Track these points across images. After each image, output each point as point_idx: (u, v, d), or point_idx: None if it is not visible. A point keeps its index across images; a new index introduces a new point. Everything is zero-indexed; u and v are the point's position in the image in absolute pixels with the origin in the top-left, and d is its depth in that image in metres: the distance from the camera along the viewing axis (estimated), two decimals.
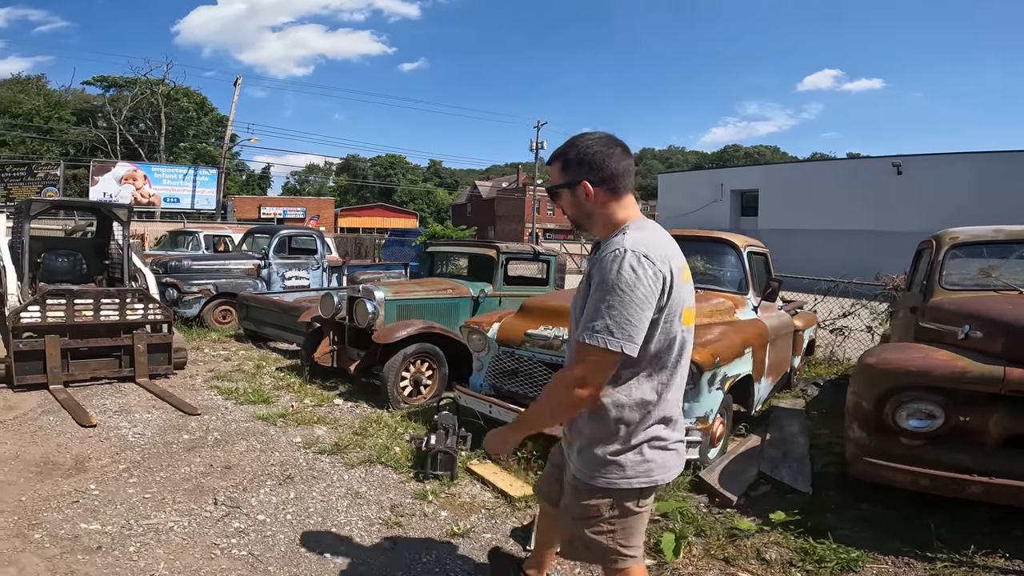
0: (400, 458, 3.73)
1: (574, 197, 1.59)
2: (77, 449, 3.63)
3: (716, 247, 4.80)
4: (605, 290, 1.42)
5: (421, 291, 5.68)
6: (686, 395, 2.97)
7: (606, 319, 1.41)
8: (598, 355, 1.42)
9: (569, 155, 1.58)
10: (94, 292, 5.32)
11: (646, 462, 1.58)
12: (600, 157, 1.55)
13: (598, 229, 1.62)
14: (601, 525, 1.63)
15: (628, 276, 1.41)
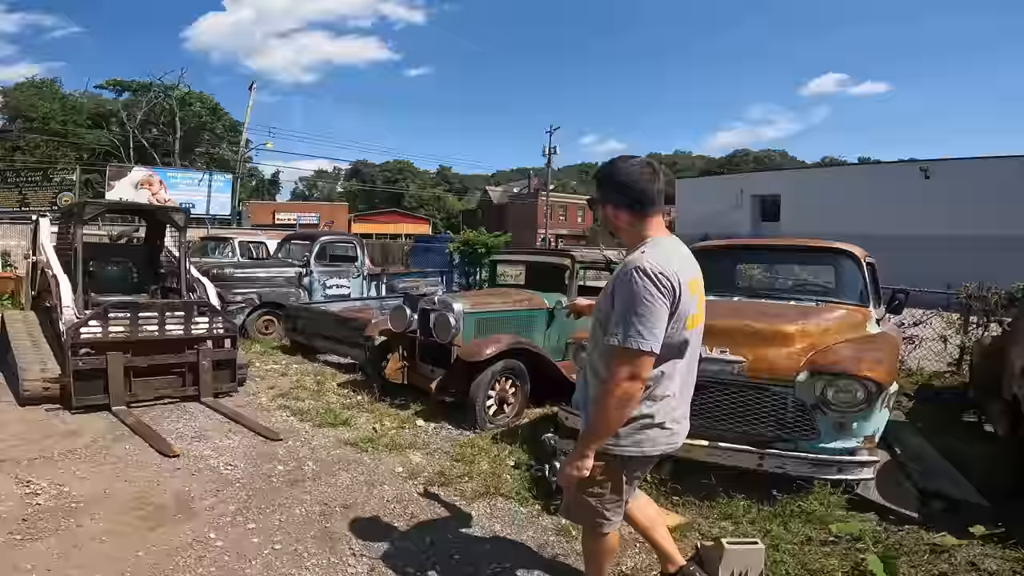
0: (518, 488, 3.43)
1: (610, 210, 1.86)
2: (172, 486, 3.30)
3: (832, 257, 4.45)
4: (631, 303, 1.68)
5: (499, 303, 5.34)
6: (858, 415, 3.04)
7: (637, 326, 1.66)
8: (634, 355, 1.67)
9: (604, 176, 1.86)
10: (160, 305, 5.00)
11: (636, 434, 1.83)
12: (629, 181, 1.80)
13: (628, 241, 1.89)
14: (593, 487, 1.87)
15: (646, 290, 1.66)
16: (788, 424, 3.18)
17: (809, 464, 3.04)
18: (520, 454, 3.98)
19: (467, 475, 3.58)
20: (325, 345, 7.07)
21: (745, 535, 2.89)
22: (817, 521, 2.94)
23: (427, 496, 3.32)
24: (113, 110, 38.66)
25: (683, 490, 3.31)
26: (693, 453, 3.21)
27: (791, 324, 3.35)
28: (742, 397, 3.25)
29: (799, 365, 3.13)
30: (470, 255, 12.54)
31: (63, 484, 3.27)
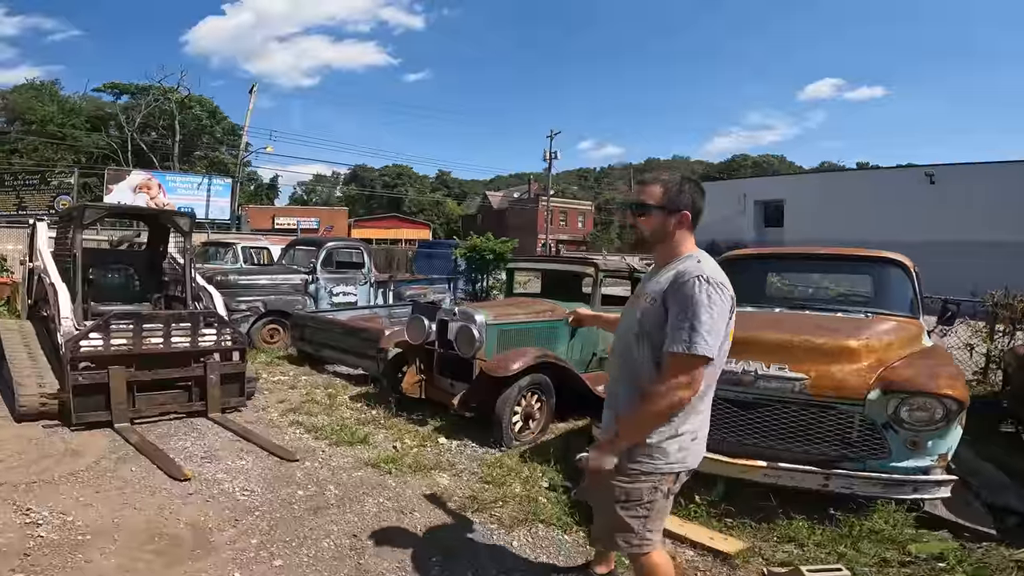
0: (557, 513, 3.18)
1: (665, 219, 1.85)
2: (186, 514, 3.02)
3: (881, 267, 4.23)
4: (695, 310, 1.69)
5: (521, 314, 5.09)
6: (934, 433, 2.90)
7: (700, 332, 1.67)
8: (699, 362, 1.68)
9: (676, 185, 1.86)
10: (164, 316, 4.72)
11: (683, 450, 1.82)
12: (697, 196, 1.87)
13: (664, 252, 1.90)
14: (637, 509, 1.83)
15: (713, 300, 1.69)
16: (854, 443, 2.98)
17: (882, 484, 2.86)
18: (553, 474, 3.73)
19: (501, 499, 3.32)
20: (334, 355, 6.80)
21: (815, 559, 2.71)
22: (888, 541, 2.80)
23: (462, 524, 3.06)
24: (112, 113, 38.36)
25: (736, 512, 3.08)
26: (748, 474, 3.03)
27: (855, 339, 3.12)
28: (803, 416, 3.02)
29: (869, 383, 2.91)
30: (477, 261, 12.27)
31: (66, 512, 3.00)
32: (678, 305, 1.72)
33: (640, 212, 1.89)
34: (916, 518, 2.95)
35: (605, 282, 6.36)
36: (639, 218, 1.89)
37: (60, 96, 38.51)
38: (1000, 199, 20.40)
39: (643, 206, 1.88)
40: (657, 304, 1.79)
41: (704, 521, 3.09)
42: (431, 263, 17.02)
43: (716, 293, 1.71)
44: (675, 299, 1.73)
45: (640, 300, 1.89)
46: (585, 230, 50.92)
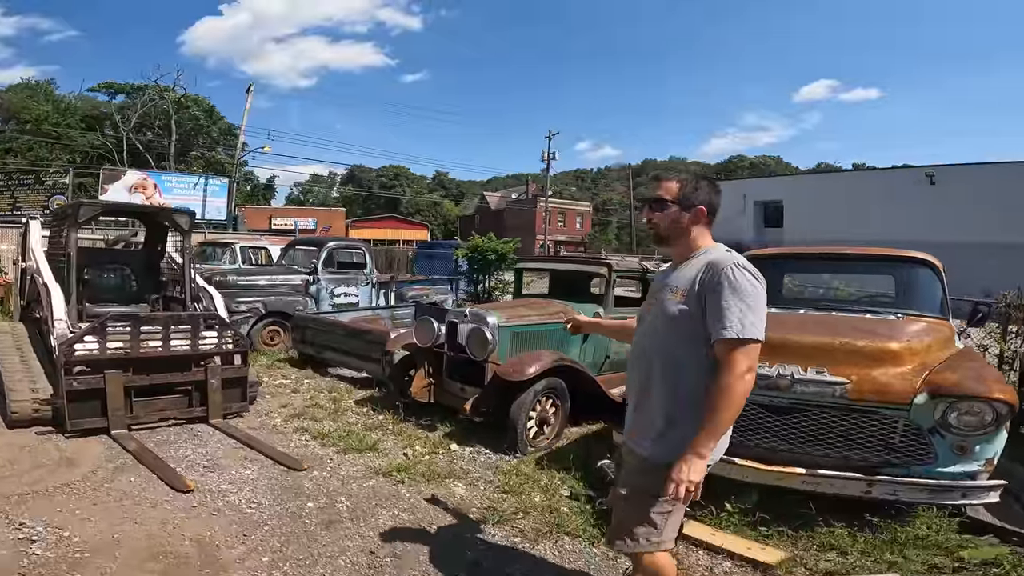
0: (582, 524, 3.03)
1: (683, 215, 1.85)
2: (190, 529, 2.83)
3: (908, 267, 4.08)
4: (740, 294, 1.68)
5: (534, 316, 4.92)
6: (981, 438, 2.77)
7: (750, 316, 1.66)
8: (754, 345, 1.67)
9: (692, 182, 1.88)
10: (163, 318, 4.53)
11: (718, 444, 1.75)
12: (714, 192, 1.89)
13: (681, 247, 1.89)
14: (663, 504, 1.77)
15: (754, 284, 1.71)
16: (897, 448, 2.85)
17: (928, 490, 2.74)
18: (573, 483, 3.57)
19: (521, 510, 3.16)
20: (337, 358, 6.62)
21: (861, 568, 2.61)
22: (935, 547, 2.70)
23: (483, 537, 2.90)
24: (107, 113, 38.00)
25: (771, 520, 2.95)
26: (785, 481, 2.90)
27: (897, 341, 2.98)
28: (843, 421, 2.88)
29: (915, 387, 2.76)
30: (480, 262, 12.09)
31: (62, 527, 2.81)
32: (720, 292, 1.69)
33: (657, 207, 1.89)
34: (959, 523, 2.86)
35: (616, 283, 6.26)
36: (655, 213, 1.90)
37: (55, 96, 38.14)
38: (1002, 200, 20.37)
39: (659, 201, 1.88)
40: (692, 297, 1.76)
41: (737, 530, 2.95)
42: (432, 264, 16.86)
43: (754, 278, 1.72)
44: (715, 287, 1.71)
45: (666, 297, 1.83)
46: (583, 231, 50.81)
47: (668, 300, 1.81)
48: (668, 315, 1.80)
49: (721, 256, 1.78)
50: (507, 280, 12.17)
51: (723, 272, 1.71)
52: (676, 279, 1.83)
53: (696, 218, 1.85)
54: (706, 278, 1.74)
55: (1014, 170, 21.30)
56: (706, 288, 1.73)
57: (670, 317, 1.79)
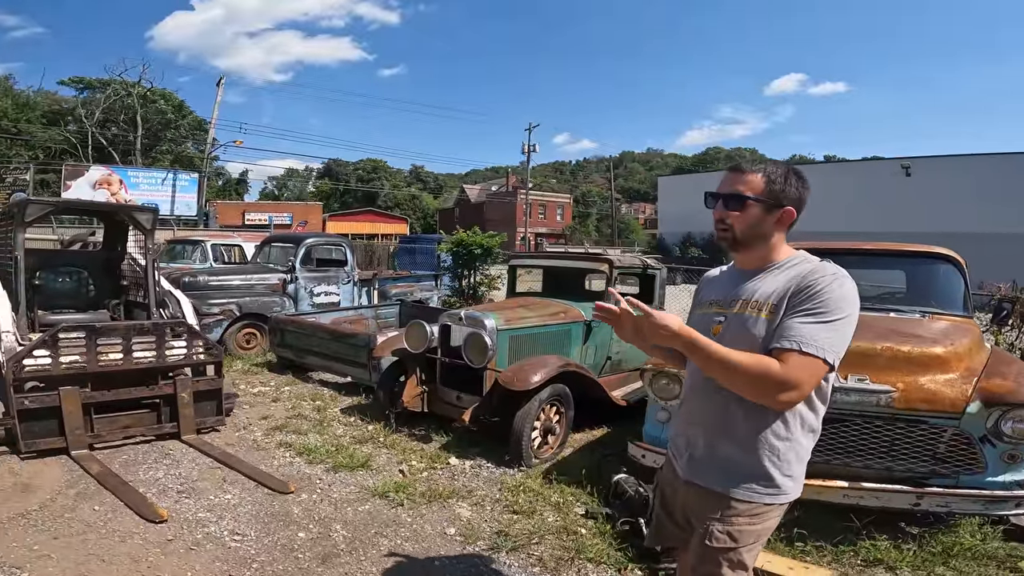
0: (604, 549, 2.76)
1: (764, 215, 1.53)
2: (167, 567, 2.47)
3: (930, 263, 3.88)
4: (833, 307, 1.39)
5: (533, 317, 4.61)
6: None
7: (827, 334, 1.37)
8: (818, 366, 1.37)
9: (782, 178, 1.53)
10: (123, 328, 4.09)
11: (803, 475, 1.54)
12: (804, 188, 1.55)
13: (757, 251, 1.57)
14: (756, 546, 1.55)
15: (849, 299, 1.41)
16: (944, 458, 2.65)
17: (983, 502, 2.54)
18: (587, 499, 3.29)
19: (535, 534, 2.87)
20: (319, 363, 6.23)
21: None
22: (986, 559, 2.56)
23: (497, 567, 2.60)
24: (69, 108, 36.36)
25: (808, 535, 2.74)
26: (825, 495, 2.67)
27: (942, 346, 2.77)
28: (887, 431, 2.65)
29: (967, 395, 2.54)
30: (464, 257, 11.72)
31: (19, 567, 2.45)
32: (803, 300, 1.42)
33: (733, 206, 1.52)
34: (1004, 532, 2.72)
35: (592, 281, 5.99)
36: (731, 213, 1.53)
37: (13, 91, 36.31)
38: (978, 191, 20.75)
39: (737, 198, 1.51)
40: (780, 310, 1.45)
41: (772, 546, 2.72)
42: (414, 259, 16.39)
43: (852, 294, 1.42)
44: (801, 295, 1.43)
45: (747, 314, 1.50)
46: (564, 222, 50.62)
47: (751, 317, 1.49)
48: (752, 336, 1.47)
49: (817, 264, 1.48)
50: (493, 275, 11.84)
51: (816, 279, 1.42)
52: (753, 291, 1.52)
53: (783, 221, 1.52)
54: (796, 287, 1.44)
55: (989, 162, 21.73)
56: (798, 297, 1.43)
57: (755, 338, 1.47)
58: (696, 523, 1.59)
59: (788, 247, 1.58)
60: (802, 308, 1.40)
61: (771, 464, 1.47)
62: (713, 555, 1.52)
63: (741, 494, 1.48)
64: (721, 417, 1.52)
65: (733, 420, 1.50)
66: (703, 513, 1.56)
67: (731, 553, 1.50)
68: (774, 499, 1.48)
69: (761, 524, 1.50)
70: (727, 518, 1.50)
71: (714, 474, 1.53)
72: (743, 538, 1.49)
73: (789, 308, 1.42)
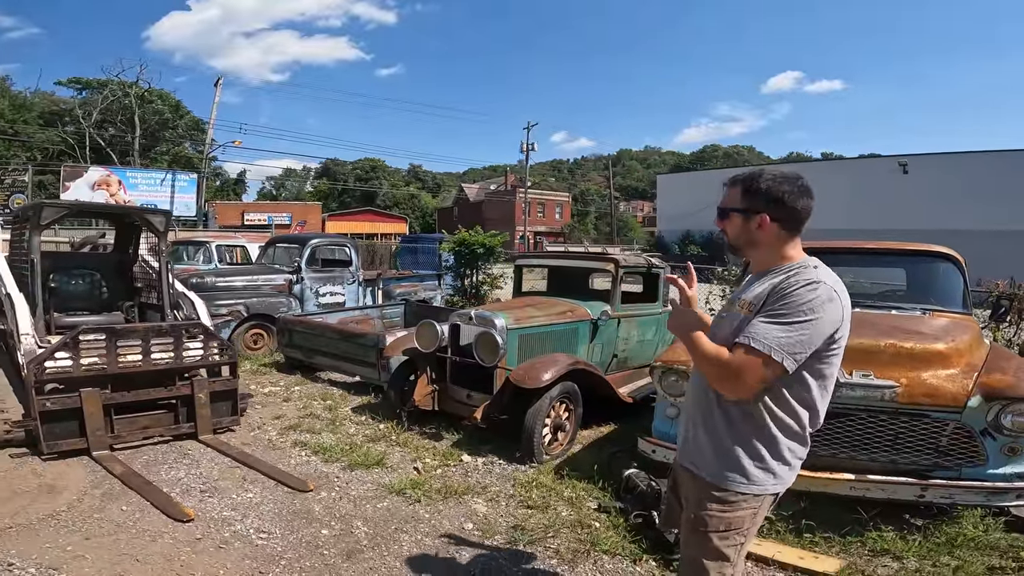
0: (619, 541, 2.85)
1: (746, 224, 1.62)
2: (200, 566, 2.55)
3: (930, 261, 3.98)
4: (794, 310, 1.46)
5: (541, 316, 4.70)
6: None
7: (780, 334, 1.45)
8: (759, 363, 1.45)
9: (755, 185, 1.60)
10: (142, 329, 4.17)
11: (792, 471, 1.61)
12: (786, 196, 1.57)
13: (758, 258, 1.67)
14: (736, 536, 1.60)
15: (823, 305, 1.46)
16: (947, 451, 2.75)
17: (985, 493, 2.64)
18: (599, 494, 3.39)
19: (551, 527, 2.97)
20: (328, 362, 6.30)
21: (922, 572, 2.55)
22: (989, 549, 2.65)
23: (517, 559, 2.69)
24: (67, 109, 36.28)
25: (816, 526, 2.84)
26: (832, 487, 2.77)
27: (943, 342, 2.87)
28: (891, 425, 2.75)
29: (968, 389, 2.64)
30: (466, 256, 11.79)
31: (56, 567, 2.52)
32: (772, 302, 1.51)
33: (721, 217, 1.67)
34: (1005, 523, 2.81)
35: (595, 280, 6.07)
36: (723, 222, 1.67)
37: (11, 92, 36.22)
38: (974, 188, 20.88)
39: (722, 211, 1.66)
40: (755, 309, 1.56)
41: (782, 538, 2.83)
42: (416, 258, 16.44)
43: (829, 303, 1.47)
44: (772, 297, 1.52)
45: (735, 309, 1.65)
46: (562, 221, 50.72)
47: (737, 314, 1.62)
48: (733, 329, 1.59)
49: (798, 272, 1.54)
50: (495, 275, 11.91)
51: (787, 283, 1.51)
52: (748, 292, 1.63)
53: (764, 227, 1.58)
54: (771, 290, 1.53)
55: (985, 159, 21.87)
56: (768, 302, 1.52)
57: (731, 332, 1.59)
58: (685, 506, 1.72)
59: (797, 252, 1.62)
60: (768, 310, 1.50)
61: (744, 455, 1.56)
62: (691, 538, 1.64)
63: (715, 481, 1.59)
64: (704, 406, 1.65)
65: (713, 410, 1.62)
66: (689, 496, 1.69)
67: (704, 539, 1.59)
68: (747, 489, 1.55)
69: (733, 513, 1.57)
70: (702, 502, 1.61)
71: (698, 459, 1.66)
72: (712, 523, 1.58)
73: (761, 310, 1.52)
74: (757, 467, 1.55)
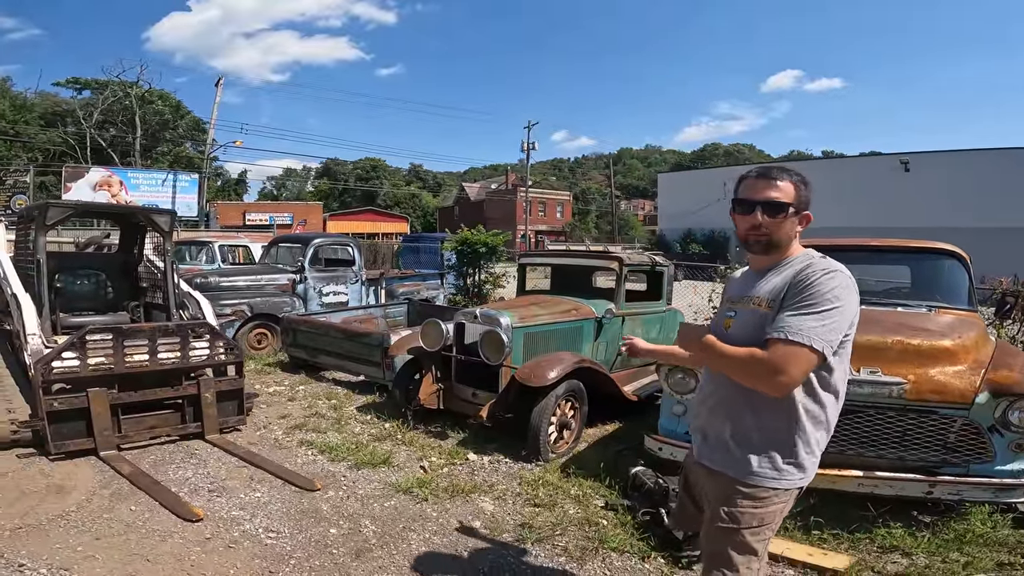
0: (627, 539, 2.86)
1: (793, 221, 1.62)
2: (210, 566, 2.56)
3: (935, 259, 3.97)
4: (821, 299, 1.48)
5: (546, 315, 4.70)
6: None
7: (813, 324, 1.46)
8: (803, 354, 1.45)
9: (804, 185, 1.64)
10: (149, 329, 4.18)
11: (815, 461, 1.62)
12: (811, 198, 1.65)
13: (778, 252, 1.66)
14: (765, 532, 1.61)
15: (845, 292, 1.50)
16: (954, 447, 2.75)
17: (993, 490, 2.64)
18: (606, 492, 3.40)
19: (558, 525, 2.97)
20: (332, 362, 6.32)
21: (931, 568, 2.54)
22: (997, 545, 2.66)
23: (525, 558, 2.70)
24: (68, 109, 36.32)
25: (824, 523, 2.85)
26: (841, 484, 2.79)
27: (950, 339, 2.87)
28: (898, 421, 2.76)
29: (976, 386, 2.64)
30: (469, 255, 11.79)
31: (67, 568, 2.53)
32: (794, 295, 1.52)
33: (769, 212, 1.60)
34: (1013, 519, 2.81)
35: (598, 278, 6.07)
36: (768, 219, 1.61)
37: (11, 92, 36.27)
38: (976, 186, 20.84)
39: (775, 205, 1.60)
40: (776, 304, 1.56)
41: (790, 535, 2.83)
42: (418, 258, 16.44)
43: (852, 287, 1.52)
44: (793, 290, 1.53)
45: (751, 308, 1.63)
46: (564, 220, 50.72)
47: (755, 311, 1.62)
48: (752, 326, 1.60)
49: (811, 260, 1.58)
50: (497, 274, 11.92)
51: (806, 274, 1.53)
52: (760, 288, 1.63)
53: (803, 224, 1.65)
54: (790, 282, 1.55)
55: (987, 157, 21.83)
56: (786, 292, 1.54)
57: (755, 329, 1.58)
58: (706, 505, 1.71)
59: (797, 245, 1.67)
60: (794, 302, 1.50)
61: (775, 450, 1.57)
62: (719, 536, 1.62)
63: (746, 477, 1.58)
64: (729, 403, 1.64)
65: (739, 406, 1.61)
66: (711, 494, 1.68)
67: (735, 535, 1.58)
68: (778, 484, 1.56)
69: (764, 508, 1.57)
70: (732, 499, 1.59)
71: (722, 457, 1.64)
72: (745, 520, 1.57)
73: (785, 303, 1.53)
74: (787, 462, 1.56)
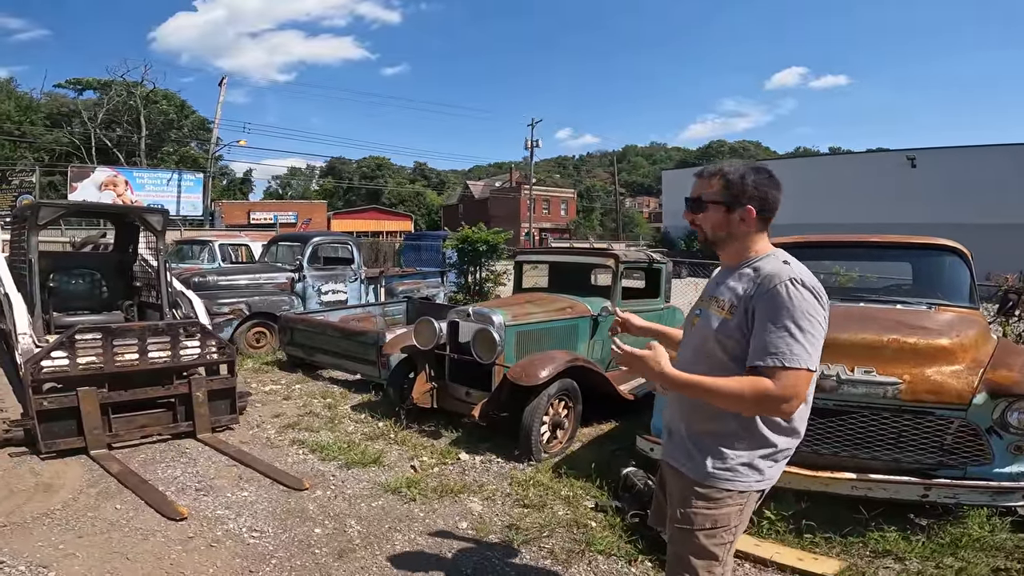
0: (614, 541, 2.80)
1: (728, 216, 1.59)
2: (189, 564, 2.53)
3: (936, 255, 3.90)
4: (802, 316, 1.43)
5: (540, 313, 4.65)
6: None
7: (803, 344, 1.42)
8: (798, 374, 1.42)
9: (737, 178, 1.58)
10: (138, 328, 4.16)
11: (775, 466, 1.58)
12: (765, 190, 1.58)
13: (731, 252, 1.63)
14: (723, 535, 1.58)
15: (813, 304, 1.45)
16: (951, 449, 2.68)
17: (991, 493, 2.57)
18: (597, 493, 3.34)
19: (546, 527, 2.92)
20: (329, 360, 6.29)
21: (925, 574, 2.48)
22: (994, 550, 2.59)
23: (510, 560, 2.65)
24: (74, 110, 36.54)
25: (816, 526, 2.79)
26: (833, 487, 2.72)
27: (948, 337, 2.79)
28: (894, 422, 2.69)
29: (974, 386, 2.57)
30: (470, 253, 11.75)
31: (46, 565, 2.51)
32: (769, 312, 1.45)
33: (696, 208, 1.63)
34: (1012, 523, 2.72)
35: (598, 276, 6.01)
36: (697, 215, 1.63)
37: (17, 93, 36.53)
38: (983, 182, 20.60)
39: (698, 201, 1.62)
40: (739, 313, 1.52)
41: (781, 538, 2.77)
42: (419, 256, 16.44)
43: (815, 298, 1.46)
44: (764, 305, 1.47)
45: (712, 310, 1.60)
46: (568, 217, 50.61)
47: (713, 314, 1.59)
48: (712, 330, 1.57)
49: (776, 268, 1.51)
50: (498, 271, 11.88)
51: (775, 288, 1.46)
52: (723, 290, 1.59)
53: (747, 219, 1.57)
54: (755, 293, 1.49)
55: (994, 153, 21.55)
56: (756, 304, 1.48)
57: (714, 332, 1.56)
58: (670, 503, 1.68)
59: (764, 244, 1.62)
60: (773, 322, 1.44)
61: (729, 451, 1.53)
62: (677, 538, 1.60)
63: (701, 478, 1.55)
64: (688, 403, 1.61)
65: (695, 405, 1.58)
66: (674, 494, 1.65)
67: (691, 537, 1.56)
68: (731, 485, 1.52)
69: (718, 510, 1.54)
70: (687, 500, 1.58)
71: (681, 456, 1.62)
72: (698, 521, 1.54)
73: (757, 318, 1.47)
74: (741, 464, 1.53)
